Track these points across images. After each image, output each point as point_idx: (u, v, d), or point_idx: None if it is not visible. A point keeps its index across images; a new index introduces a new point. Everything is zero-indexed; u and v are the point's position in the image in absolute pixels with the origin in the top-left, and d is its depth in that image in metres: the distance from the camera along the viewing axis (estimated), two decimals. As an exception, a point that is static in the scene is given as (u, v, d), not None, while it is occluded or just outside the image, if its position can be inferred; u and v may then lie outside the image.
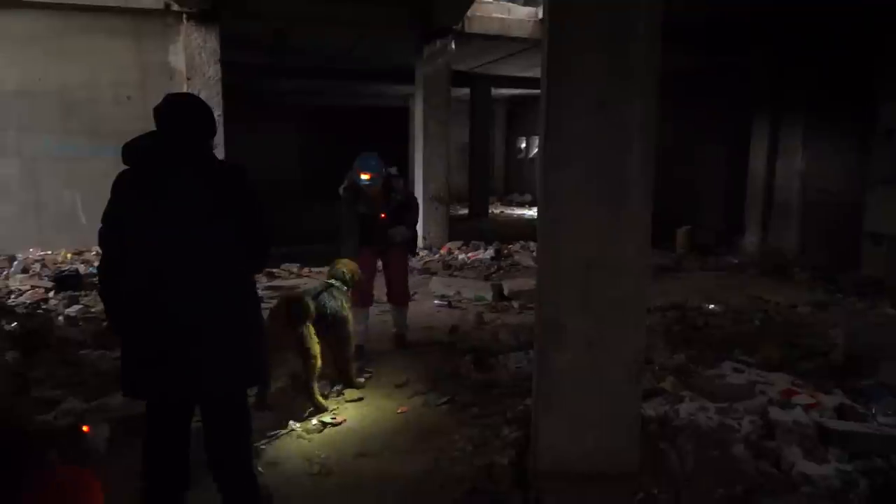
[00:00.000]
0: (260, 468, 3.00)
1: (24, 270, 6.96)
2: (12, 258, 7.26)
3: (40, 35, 7.81)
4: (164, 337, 2.31)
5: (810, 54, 8.45)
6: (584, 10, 2.44)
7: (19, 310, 5.41)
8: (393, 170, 4.73)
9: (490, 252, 9.13)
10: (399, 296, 4.99)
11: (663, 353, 4.35)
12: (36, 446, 3.09)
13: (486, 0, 9.75)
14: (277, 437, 3.37)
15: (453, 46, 9.45)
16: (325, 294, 3.91)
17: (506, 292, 6.62)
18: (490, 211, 15.67)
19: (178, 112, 2.38)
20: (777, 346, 4.71)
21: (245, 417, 2.58)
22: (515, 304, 6.35)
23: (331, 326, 3.88)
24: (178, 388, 2.37)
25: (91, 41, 7.99)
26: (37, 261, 7.32)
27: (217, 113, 8.21)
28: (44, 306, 5.69)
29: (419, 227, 9.51)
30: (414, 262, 8.57)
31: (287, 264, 7.93)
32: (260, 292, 5.53)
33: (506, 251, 9.27)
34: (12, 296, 5.99)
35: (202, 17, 8.06)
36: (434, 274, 7.89)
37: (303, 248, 8.27)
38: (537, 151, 19.41)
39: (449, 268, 8.40)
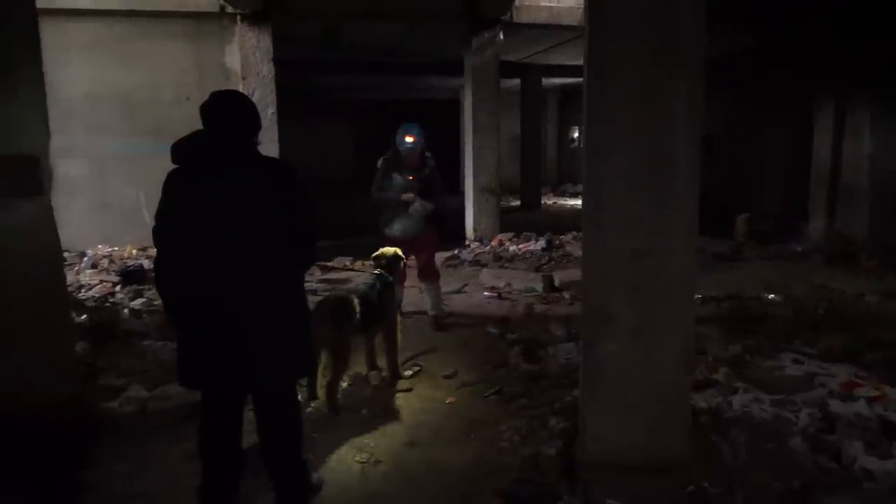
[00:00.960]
0: (311, 455, 3.08)
1: (93, 266, 7.31)
2: (82, 254, 7.63)
3: (105, 41, 8.16)
4: (215, 331, 2.39)
5: (877, 28, 8.01)
6: (625, -7, 2.39)
7: (89, 303, 5.69)
8: (428, 153, 5.28)
9: (541, 243, 9.06)
10: (427, 272, 5.36)
11: (718, 344, 4.24)
12: (102, 433, 3.26)
13: (535, -11, 9.63)
14: (329, 425, 3.44)
15: (501, 37, 9.39)
16: (372, 289, 3.95)
17: (556, 283, 6.56)
18: (543, 202, 15.52)
19: (223, 108, 2.44)
20: (841, 337, 4.52)
21: (294, 408, 2.65)
22: (566, 295, 6.29)
23: (379, 321, 3.93)
24: (229, 380, 2.45)
25: (152, 45, 8.29)
26: (104, 256, 7.68)
27: (271, 111, 8.43)
28: (111, 300, 5.97)
29: (469, 219, 9.68)
30: (465, 254, 8.61)
31: (340, 257, 8.06)
32: (314, 285, 5.68)
33: (557, 242, 9.18)
34: (83, 290, 6.30)
35: (255, 18, 8.25)
36: (484, 266, 7.89)
37: (355, 240, 8.39)
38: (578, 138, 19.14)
39: (500, 259, 8.38)
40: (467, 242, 9.43)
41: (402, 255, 4.38)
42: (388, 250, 4.29)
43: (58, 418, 3.17)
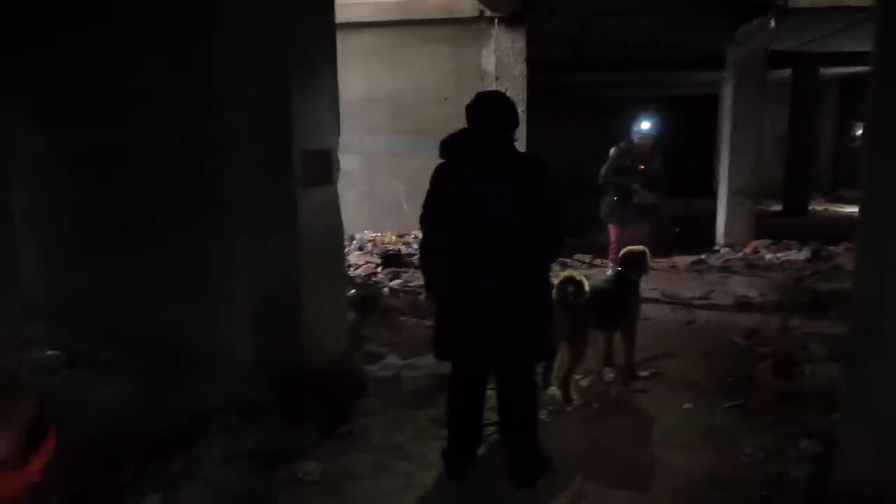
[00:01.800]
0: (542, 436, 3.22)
1: (360, 248, 8.32)
2: (351, 238, 8.72)
3: (379, 49, 9.16)
4: (467, 311, 2.63)
5: None
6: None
7: (356, 280, 6.51)
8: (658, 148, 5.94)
9: (805, 252, 8.14)
10: None
11: None
12: (364, 391, 3.76)
13: (816, -32, 8.65)
14: (560, 413, 3.56)
15: (773, 24, 8.59)
16: (611, 285, 3.94)
17: (821, 297, 5.87)
18: (811, 207, 13.85)
19: (487, 108, 2.68)
20: None
21: (532, 389, 2.81)
22: (832, 311, 5.60)
23: (618, 319, 3.91)
24: (477, 358, 2.69)
25: (418, 51, 9.10)
26: (369, 241, 8.68)
27: (521, 109, 8.72)
28: (374, 279, 6.76)
29: (721, 222, 9.06)
30: (713, 260, 8.11)
31: (580, 255, 8.11)
32: (553, 280, 5.84)
33: (826, 253, 8.17)
34: (351, 268, 7.22)
35: (511, 21, 8.61)
36: (734, 273, 7.34)
37: (595, 238, 8.36)
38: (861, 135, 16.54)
39: (753, 267, 7.72)
40: (717, 247, 8.84)
41: (648, 254, 4.24)
42: (635, 248, 4.23)
43: (332, 374, 3.73)
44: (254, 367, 3.67)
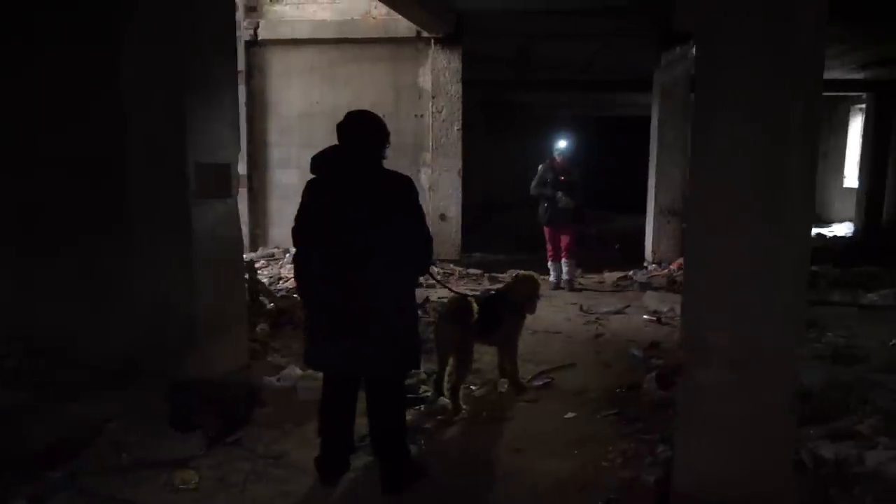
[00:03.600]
0: (422, 443, 3.33)
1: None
2: (286, 251, 8.74)
3: (319, 66, 9.25)
4: (337, 321, 2.74)
5: None
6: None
7: (280, 293, 6.55)
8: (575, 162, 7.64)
9: (724, 269, 8.46)
10: (567, 252, 7.43)
11: (885, 395, 3.72)
12: (259, 401, 3.81)
13: None
14: (449, 422, 3.66)
15: (695, 52, 8.97)
16: (488, 299, 4.09)
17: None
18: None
19: (356, 127, 2.81)
20: None
21: (400, 397, 2.92)
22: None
23: (490, 331, 3.98)
24: (345, 365, 2.79)
25: (357, 68, 9.22)
26: (303, 255, 8.70)
27: (456, 127, 8.95)
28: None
29: (649, 240, 9.35)
30: (639, 276, 8.37)
31: (511, 270, 8.23)
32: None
33: (744, 270, 8.50)
34: (280, 281, 7.25)
35: (447, 41, 8.81)
36: (656, 289, 7.59)
37: (535, 255, 8.49)
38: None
39: (674, 283, 7.98)
40: (645, 264, 9.13)
41: (536, 284, 4.26)
42: (522, 273, 4.37)
43: (228, 384, 3.79)
44: (150, 377, 3.71)
